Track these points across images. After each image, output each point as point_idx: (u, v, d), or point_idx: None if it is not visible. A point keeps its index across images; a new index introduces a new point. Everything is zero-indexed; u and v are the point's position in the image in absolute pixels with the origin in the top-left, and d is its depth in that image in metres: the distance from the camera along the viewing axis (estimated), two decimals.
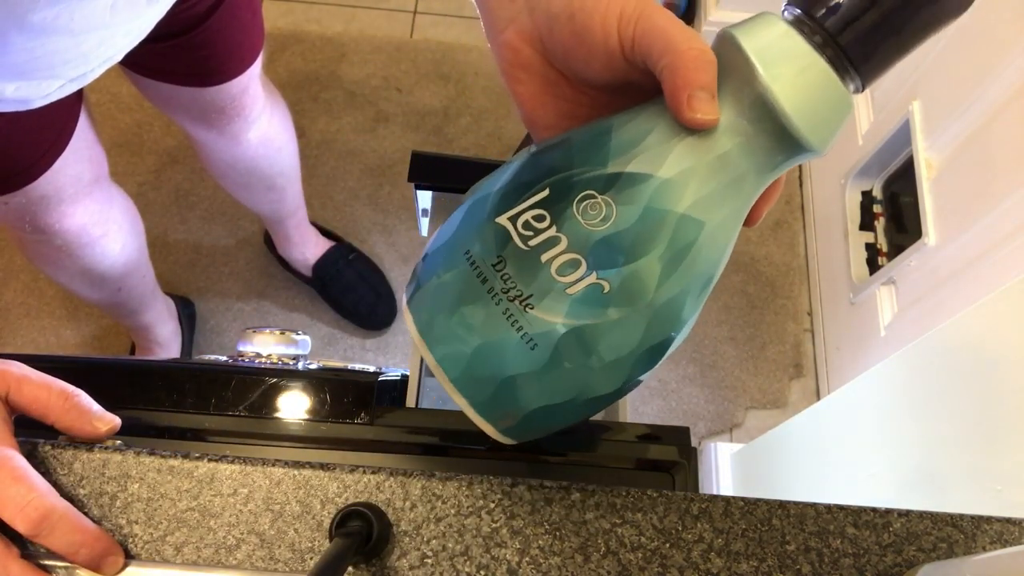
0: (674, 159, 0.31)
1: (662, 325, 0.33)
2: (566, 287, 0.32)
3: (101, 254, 1.02)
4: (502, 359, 0.33)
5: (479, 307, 0.33)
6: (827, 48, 0.30)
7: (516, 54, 0.36)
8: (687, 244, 0.32)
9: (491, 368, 0.33)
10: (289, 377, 0.58)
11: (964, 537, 0.39)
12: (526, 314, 0.32)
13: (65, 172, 0.83)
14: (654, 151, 0.31)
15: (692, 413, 1.52)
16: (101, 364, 0.66)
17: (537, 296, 0.32)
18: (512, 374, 0.33)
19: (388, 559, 0.38)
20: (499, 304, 0.32)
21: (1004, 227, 1.03)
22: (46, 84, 0.58)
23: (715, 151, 0.31)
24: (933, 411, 0.77)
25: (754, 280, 1.64)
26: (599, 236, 0.31)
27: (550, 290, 0.32)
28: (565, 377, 0.33)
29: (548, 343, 0.32)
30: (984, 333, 0.71)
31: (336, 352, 1.53)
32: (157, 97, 0.96)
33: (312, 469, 0.40)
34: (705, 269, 0.33)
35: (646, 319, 0.32)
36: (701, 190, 0.31)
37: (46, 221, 0.89)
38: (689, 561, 0.38)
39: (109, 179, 0.97)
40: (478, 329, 0.33)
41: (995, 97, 1.08)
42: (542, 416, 0.34)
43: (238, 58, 0.91)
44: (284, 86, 1.73)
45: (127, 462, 0.40)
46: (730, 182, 0.32)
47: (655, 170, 0.31)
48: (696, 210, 0.32)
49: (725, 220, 0.32)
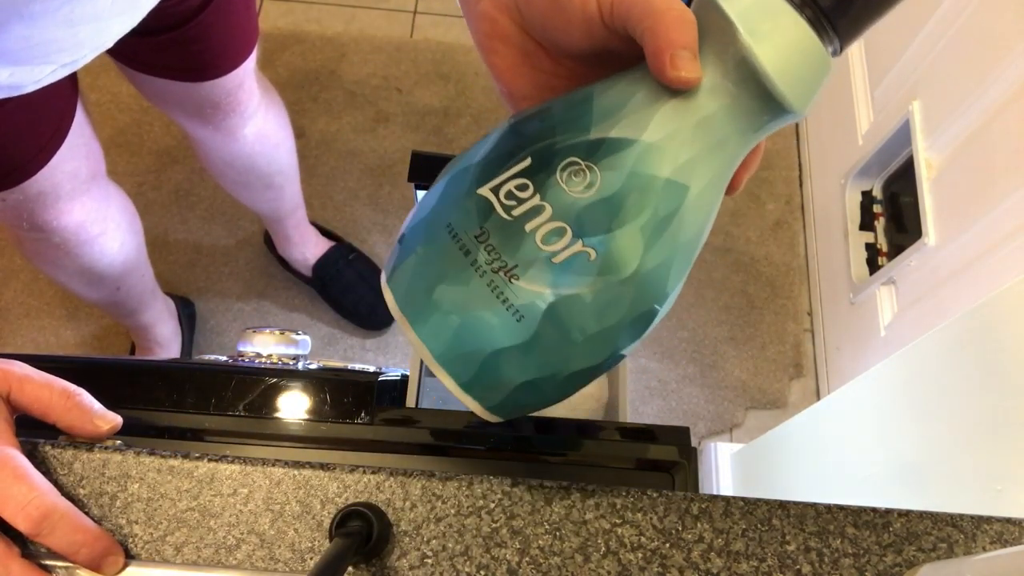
0: (657, 123, 0.31)
1: (647, 294, 0.33)
2: (551, 256, 0.31)
3: (99, 252, 1.02)
4: (487, 333, 0.32)
5: (462, 281, 0.32)
6: (806, 8, 0.30)
7: (493, 25, 0.35)
8: (672, 210, 0.31)
9: (476, 343, 0.32)
10: (289, 377, 0.58)
11: (964, 537, 0.39)
12: (511, 285, 0.32)
13: (62, 168, 0.83)
14: (637, 116, 0.31)
15: (692, 413, 1.52)
16: (101, 364, 0.66)
17: (522, 266, 0.31)
18: (498, 348, 0.32)
19: (388, 559, 0.38)
20: (483, 276, 0.32)
21: (1004, 227, 1.03)
22: (38, 70, 0.58)
23: (698, 114, 0.31)
24: (933, 411, 0.77)
25: (754, 280, 1.64)
26: (584, 203, 0.31)
27: (535, 260, 0.31)
28: (551, 350, 0.32)
29: (534, 315, 0.32)
30: (984, 333, 0.71)
31: (336, 352, 1.53)
32: (152, 93, 0.96)
33: (312, 469, 0.40)
34: (690, 237, 0.33)
35: (632, 288, 0.32)
36: (685, 154, 0.31)
37: (44, 218, 0.89)
38: (689, 561, 0.38)
39: (106, 177, 0.97)
40: (462, 303, 0.32)
41: (995, 97, 1.08)
42: (528, 391, 0.34)
43: (232, 53, 0.91)
44: (284, 86, 1.73)
45: (127, 462, 0.40)
46: (713, 145, 0.32)
47: (639, 135, 0.31)
48: (680, 174, 0.31)
49: (709, 185, 0.32)
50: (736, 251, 1.67)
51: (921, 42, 1.28)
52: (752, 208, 1.72)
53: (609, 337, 0.33)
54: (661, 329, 1.58)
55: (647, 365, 1.55)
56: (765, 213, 1.72)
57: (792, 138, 1.80)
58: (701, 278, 1.63)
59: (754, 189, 1.74)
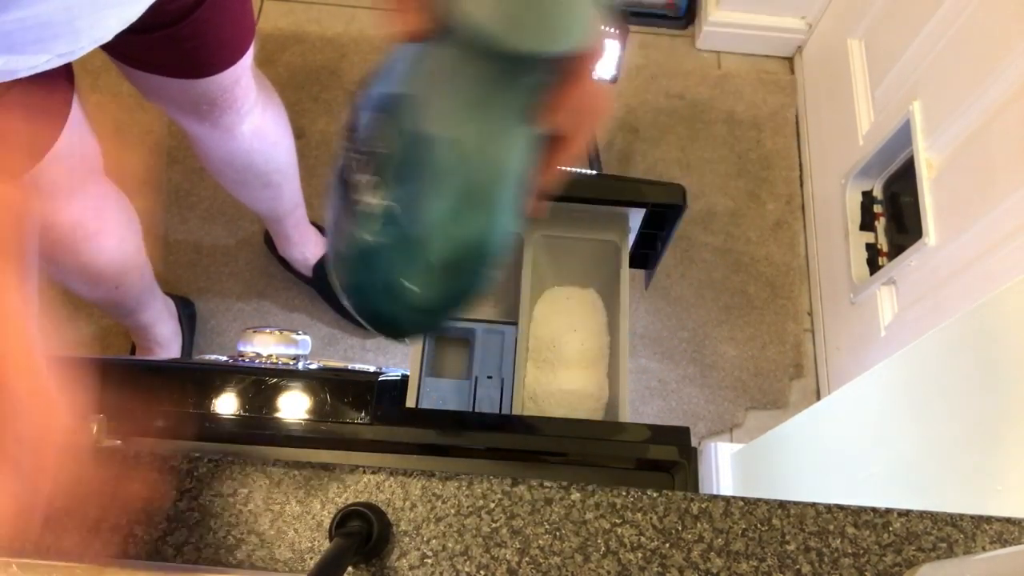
0: (420, 79, 0.36)
1: (433, 242, 0.38)
2: (370, 204, 0.38)
3: (97, 250, 1.02)
4: (362, 251, 0.39)
5: (345, 220, 0.39)
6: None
7: None
8: (446, 159, 0.37)
9: (358, 258, 0.39)
10: (289, 377, 0.58)
11: (964, 537, 0.39)
12: (362, 215, 0.38)
13: (59, 163, 0.83)
14: (411, 73, 0.37)
15: (692, 413, 1.52)
16: (101, 364, 0.66)
17: (363, 206, 0.38)
18: (366, 248, 0.39)
19: (388, 559, 0.38)
20: (354, 215, 0.38)
21: (1004, 227, 1.03)
22: (34, 58, 0.59)
23: (448, 68, 0.36)
24: (933, 411, 0.77)
25: (754, 280, 1.64)
26: (386, 154, 0.37)
27: (368, 203, 0.38)
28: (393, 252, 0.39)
29: (383, 232, 0.38)
30: (984, 333, 0.71)
31: (336, 352, 1.53)
32: (149, 89, 0.96)
33: (312, 469, 0.40)
34: (473, 179, 0.38)
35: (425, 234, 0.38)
36: (444, 105, 0.36)
37: (41, 214, 0.89)
38: (689, 561, 0.38)
39: (104, 175, 0.97)
40: (345, 235, 0.39)
41: (995, 97, 1.08)
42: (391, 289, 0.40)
43: (228, 50, 0.91)
44: (284, 86, 1.73)
45: (127, 462, 0.40)
46: (473, 98, 0.36)
47: (408, 89, 0.36)
48: (440, 125, 0.36)
49: (479, 135, 0.37)
50: (736, 251, 1.67)
51: (921, 42, 1.28)
52: (752, 208, 1.72)
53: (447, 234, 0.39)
54: (661, 329, 1.58)
55: (647, 365, 1.55)
56: (765, 213, 1.72)
57: (792, 138, 1.80)
58: (701, 278, 1.63)
59: (754, 189, 1.74)
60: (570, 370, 0.66)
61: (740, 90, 1.84)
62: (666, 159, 1.76)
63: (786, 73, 1.88)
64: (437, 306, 0.41)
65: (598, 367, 0.66)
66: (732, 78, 1.86)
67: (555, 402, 0.64)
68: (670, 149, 1.77)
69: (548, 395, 0.64)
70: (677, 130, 1.79)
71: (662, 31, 1.92)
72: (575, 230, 0.69)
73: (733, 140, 1.79)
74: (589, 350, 0.66)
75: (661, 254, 0.72)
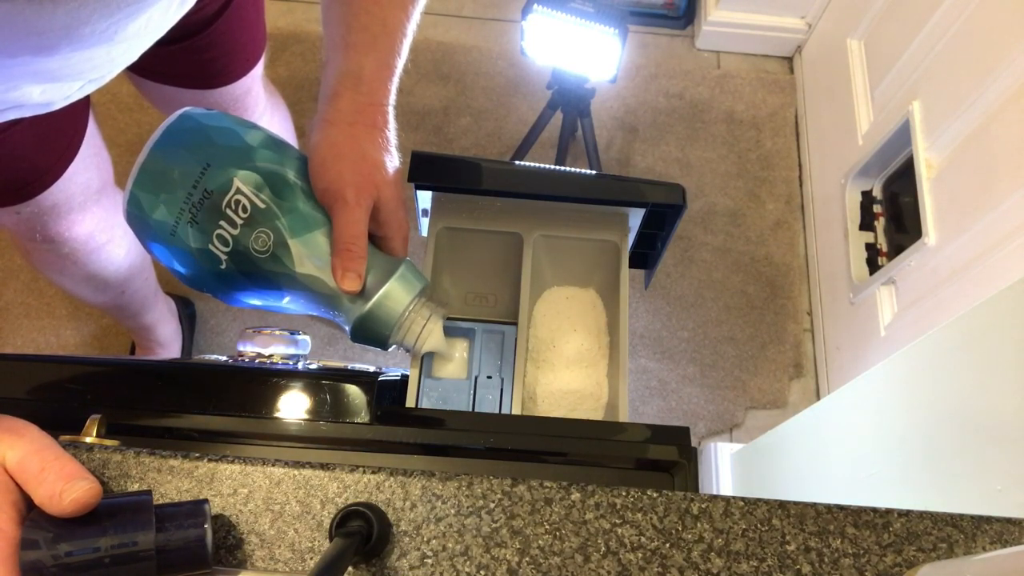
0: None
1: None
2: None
3: (107, 259, 1.02)
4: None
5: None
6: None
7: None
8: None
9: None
10: (289, 377, 0.58)
11: (964, 537, 0.39)
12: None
13: (75, 179, 0.84)
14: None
15: (692, 413, 1.52)
16: (101, 364, 0.66)
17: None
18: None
19: (388, 559, 0.38)
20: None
21: (1004, 227, 1.03)
22: (68, 86, 0.59)
23: None
24: (933, 411, 0.77)
25: (754, 280, 1.64)
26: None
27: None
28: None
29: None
30: (984, 333, 0.71)
31: (336, 352, 1.53)
32: (161, 100, 0.96)
33: (312, 469, 0.40)
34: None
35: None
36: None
37: (56, 230, 0.89)
38: (689, 561, 0.38)
39: (115, 186, 0.97)
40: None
41: (995, 97, 1.08)
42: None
43: (243, 59, 0.91)
44: (284, 86, 1.73)
45: (127, 462, 0.40)
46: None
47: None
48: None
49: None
50: (736, 251, 1.67)
51: (921, 42, 1.28)
52: (752, 208, 1.72)
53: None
54: (661, 329, 1.58)
55: (647, 365, 1.55)
56: (765, 213, 1.72)
57: (792, 138, 1.80)
58: (701, 278, 1.63)
59: (754, 189, 1.74)
60: (570, 370, 0.66)
61: (739, 90, 1.84)
62: (666, 159, 1.76)
63: (786, 73, 1.89)
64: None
65: (598, 367, 0.66)
66: (731, 78, 1.86)
67: (555, 402, 0.64)
68: (670, 149, 1.77)
69: (548, 395, 0.64)
70: (676, 130, 1.79)
71: (661, 31, 1.92)
72: (575, 230, 0.69)
73: (733, 140, 1.79)
74: (589, 350, 0.66)
75: (661, 254, 0.72)
